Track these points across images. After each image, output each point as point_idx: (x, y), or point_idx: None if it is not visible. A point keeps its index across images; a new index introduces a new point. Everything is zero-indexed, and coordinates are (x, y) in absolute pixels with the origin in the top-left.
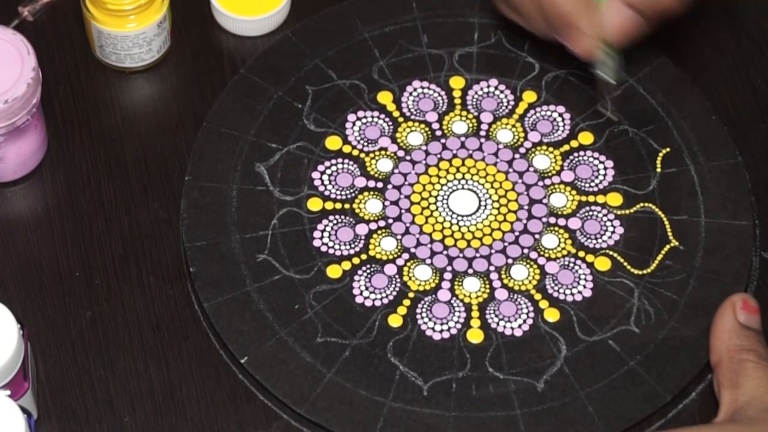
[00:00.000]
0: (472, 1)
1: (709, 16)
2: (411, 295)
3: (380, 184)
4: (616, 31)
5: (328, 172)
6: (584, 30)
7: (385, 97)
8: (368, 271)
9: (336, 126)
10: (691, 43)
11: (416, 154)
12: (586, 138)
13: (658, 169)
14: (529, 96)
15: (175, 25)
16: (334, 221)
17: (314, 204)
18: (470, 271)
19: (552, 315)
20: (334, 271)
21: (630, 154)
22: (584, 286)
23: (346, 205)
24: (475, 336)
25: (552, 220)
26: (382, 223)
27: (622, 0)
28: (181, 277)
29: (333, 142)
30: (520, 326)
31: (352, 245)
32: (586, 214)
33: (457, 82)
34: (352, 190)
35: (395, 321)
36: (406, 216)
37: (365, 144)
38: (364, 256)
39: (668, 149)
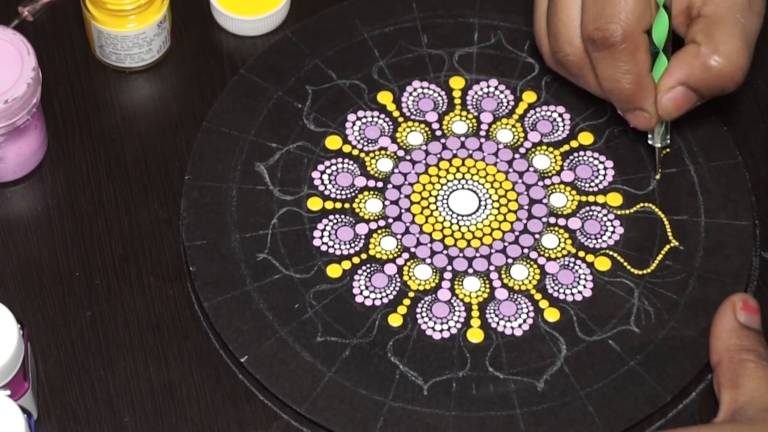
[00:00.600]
0: (472, 1)
1: None
2: (411, 294)
3: (380, 184)
4: (671, 108)
5: (328, 171)
6: (647, 110)
7: (385, 97)
8: (368, 270)
9: (336, 126)
10: None
11: (416, 153)
12: (586, 138)
13: (658, 169)
14: (529, 96)
15: (175, 25)
16: (334, 221)
17: (314, 203)
18: (470, 270)
19: (552, 315)
20: (334, 271)
21: (630, 154)
22: (584, 286)
23: (346, 205)
24: (475, 336)
25: (552, 220)
26: (382, 223)
27: (679, 80)
28: (181, 277)
29: (333, 142)
30: (520, 326)
31: (352, 245)
32: (586, 214)
33: (457, 82)
34: (352, 190)
35: (395, 320)
36: (406, 216)
37: (365, 144)
38: (364, 256)
39: (668, 149)
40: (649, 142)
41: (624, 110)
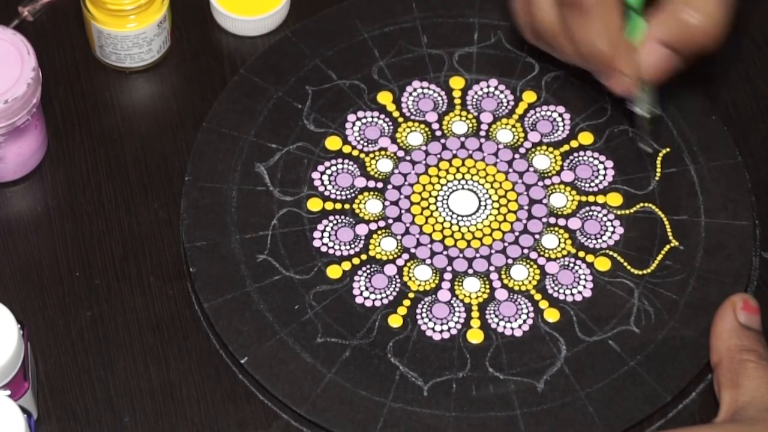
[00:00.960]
0: (472, 1)
1: None
2: (411, 295)
3: (380, 185)
4: (652, 70)
5: (328, 172)
6: (624, 72)
7: (385, 97)
8: (368, 271)
9: (336, 126)
10: None
11: (416, 154)
12: (586, 138)
13: (658, 169)
14: (529, 96)
15: (175, 25)
16: (334, 221)
17: (314, 204)
18: (470, 271)
19: (552, 315)
20: (334, 272)
21: (630, 154)
22: (584, 286)
23: (346, 206)
24: (475, 336)
25: (552, 220)
26: (382, 224)
27: (657, 39)
28: (181, 277)
29: (333, 143)
30: (520, 326)
31: (352, 245)
32: (586, 214)
33: (456, 82)
34: (352, 191)
35: (395, 321)
36: (406, 216)
37: (365, 144)
38: (364, 257)
39: (668, 149)
40: (636, 110)
41: (604, 75)
